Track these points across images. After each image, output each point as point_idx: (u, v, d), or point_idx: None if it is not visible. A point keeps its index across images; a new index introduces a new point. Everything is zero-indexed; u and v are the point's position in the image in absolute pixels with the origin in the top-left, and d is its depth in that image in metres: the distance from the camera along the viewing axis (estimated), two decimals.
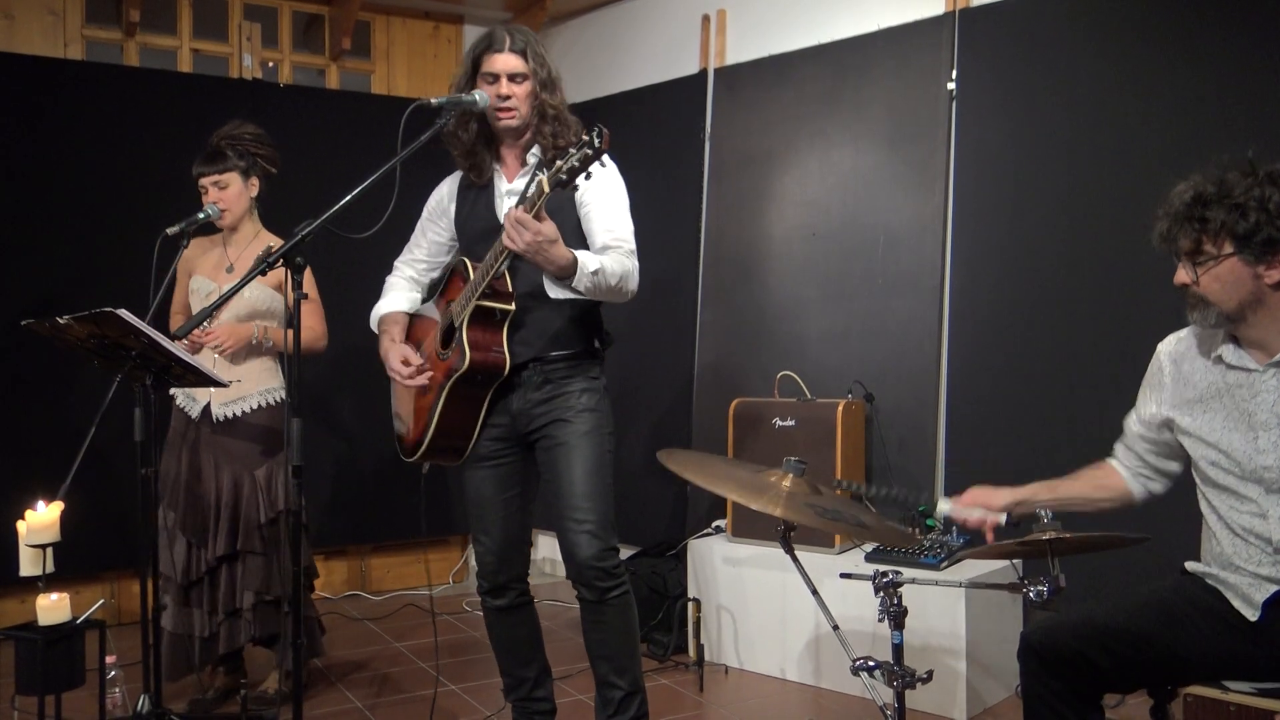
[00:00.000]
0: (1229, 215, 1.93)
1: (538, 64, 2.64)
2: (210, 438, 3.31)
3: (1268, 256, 1.93)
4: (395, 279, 2.94)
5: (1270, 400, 1.98)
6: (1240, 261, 1.94)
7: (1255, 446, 1.99)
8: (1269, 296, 1.96)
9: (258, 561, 3.28)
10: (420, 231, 2.91)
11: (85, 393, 4.05)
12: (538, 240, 2.34)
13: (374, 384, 4.75)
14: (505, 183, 2.72)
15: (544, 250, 2.37)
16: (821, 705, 3.42)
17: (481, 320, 2.58)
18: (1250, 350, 2.03)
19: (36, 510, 2.67)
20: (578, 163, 2.25)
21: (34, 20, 4.53)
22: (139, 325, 2.52)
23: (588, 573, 2.59)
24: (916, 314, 3.89)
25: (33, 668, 2.52)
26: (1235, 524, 2.02)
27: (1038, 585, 1.87)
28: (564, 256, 2.41)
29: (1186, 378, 2.12)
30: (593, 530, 2.58)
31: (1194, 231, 1.97)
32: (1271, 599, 1.96)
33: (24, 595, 4.15)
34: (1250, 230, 1.92)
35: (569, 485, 2.62)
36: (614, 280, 2.52)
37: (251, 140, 3.42)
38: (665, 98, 4.86)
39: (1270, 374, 1.99)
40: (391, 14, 5.31)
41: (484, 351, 2.57)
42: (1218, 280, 1.97)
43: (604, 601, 2.63)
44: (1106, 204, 3.43)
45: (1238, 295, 1.96)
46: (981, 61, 3.81)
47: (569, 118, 2.68)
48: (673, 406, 4.67)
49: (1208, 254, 1.96)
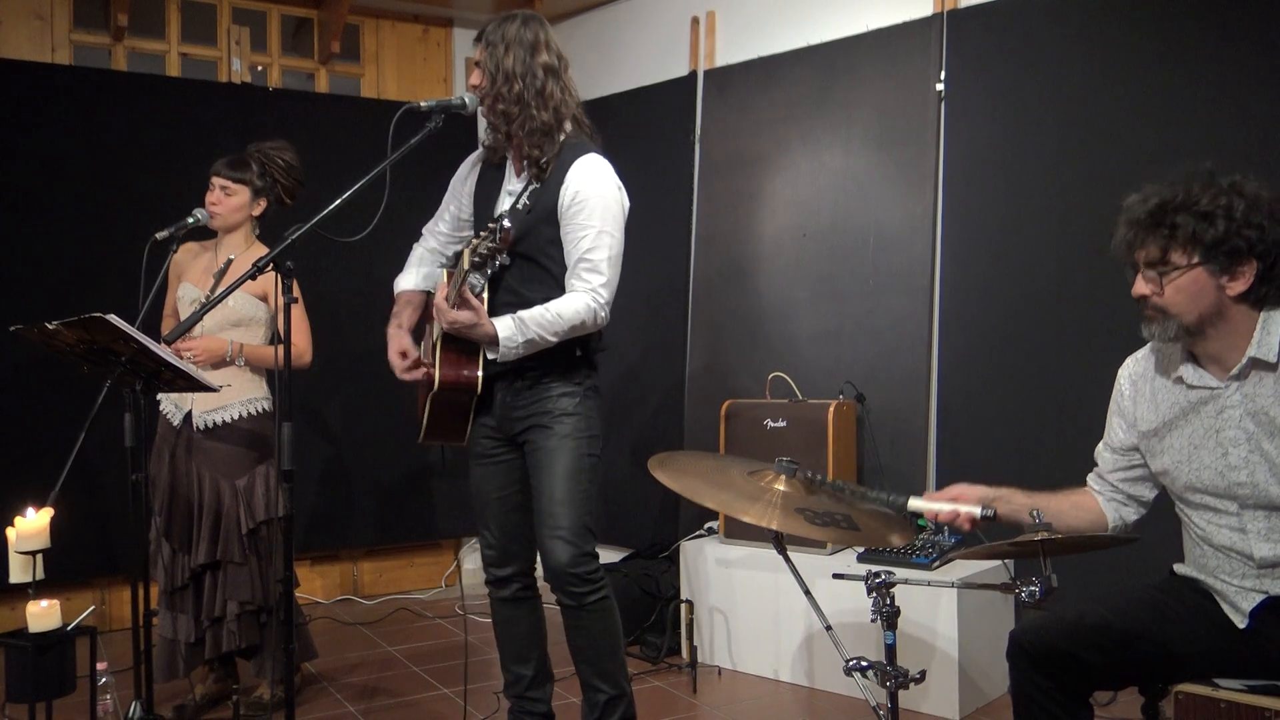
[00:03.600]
0: (1198, 223, 1.89)
1: (489, 52, 2.58)
2: (192, 445, 3.30)
3: (1232, 267, 1.90)
4: (419, 249, 2.94)
5: (1236, 416, 1.96)
6: (1205, 272, 1.91)
7: (1227, 463, 1.97)
8: (1229, 309, 1.93)
9: (240, 571, 3.27)
10: (445, 203, 2.90)
11: (74, 398, 4.03)
12: (455, 327, 2.46)
13: (363, 389, 4.77)
14: (513, 178, 2.71)
15: (465, 334, 2.48)
16: (814, 706, 3.43)
17: (455, 341, 2.60)
18: (1209, 367, 2.00)
19: (26, 516, 2.66)
20: (486, 251, 2.32)
21: (21, 25, 4.51)
22: (128, 330, 2.51)
23: (563, 579, 2.59)
24: (907, 314, 3.90)
25: (23, 675, 2.51)
26: (1215, 540, 2.02)
27: (1029, 585, 1.87)
28: (486, 335, 2.48)
29: (1149, 400, 2.11)
30: (565, 536, 2.58)
31: (1162, 239, 1.93)
32: (1259, 607, 1.97)
33: (14, 602, 4.13)
34: (1219, 239, 1.88)
35: (544, 491, 2.62)
36: (556, 336, 2.55)
37: (283, 167, 3.41)
38: (655, 99, 4.86)
39: (1233, 388, 1.97)
40: (381, 17, 5.30)
41: (455, 372, 2.61)
42: (1181, 291, 1.93)
43: (582, 607, 2.63)
44: (1095, 203, 3.44)
45: (1199, 307, 1.93)
46: (970, 62, 3.82)
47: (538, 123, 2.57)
48: (664, 408, 4.68)
49: (1174, 264, 1.92)
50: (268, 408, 3.37)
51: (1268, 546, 1.95)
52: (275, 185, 3.41)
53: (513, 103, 2.57)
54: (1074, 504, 2.22)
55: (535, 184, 2.62)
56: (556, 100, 2.61)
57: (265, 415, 3.35)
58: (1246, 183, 1.92)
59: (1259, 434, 1.94)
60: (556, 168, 2.60)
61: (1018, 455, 3.54)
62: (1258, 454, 1.94)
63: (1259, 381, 1.94)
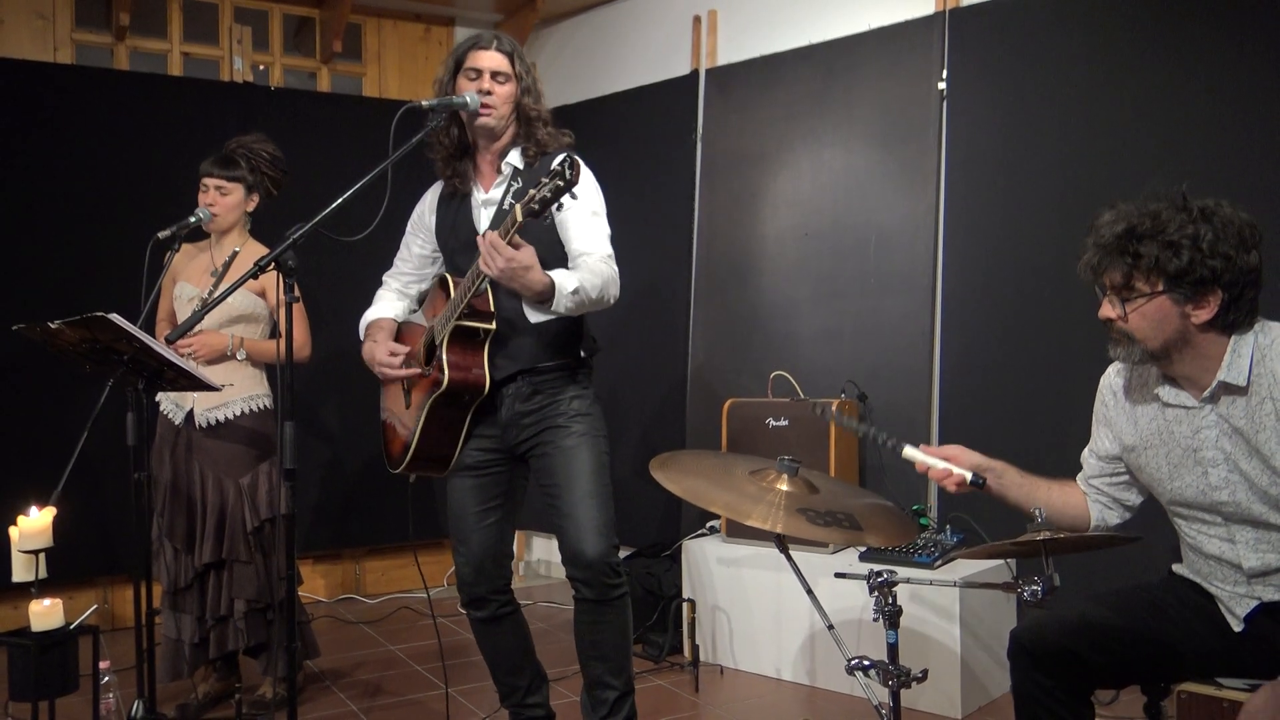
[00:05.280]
0: (1162, 252, 1.86)
1: (524, 69, 2.67)
2: (195, 444, 3.31)
3: (1196, 296, 1.87)
4: (383, 291, 2.95)
5: (1213, 436, 1.95)
6: (1169, 300, 1.89)
7: (1208, 483, 1.96)
8: (1195, 336, 1.91)
9: (246, 570, 3.27)
10: (405, 245, 2.91)
11: (77, 398, 4.04)
12: (511, 266, 2.33)
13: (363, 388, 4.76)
14: (481, 192, 2.72)
15: (519, 276, 2.36)
16: (817, 705, 3.43)
17: (462, 339, 2.58)
18: (1185, 387, 1.99)
19: (29, 515, 2.66)
20: (549, 193, 2.23)
21: (23, 24, 4.52)
22: (131, 330, 2.51)
23: (598, 571, 2.58)
24: (909, 313, 3.90)
25: (26, 674, 2.51)
26: (1205, 550, 2.01)
27: (1031, 584, 1.87)
28: (540, 281, 2.39)
29: (1128, 415, 2.10)
30: (599, 529, 2.58)
31: (1125, 266, 1.91)
32: (1253, 612, 1.96)
33: (17, 601, 4.14)
34: (1183, 270, 1.85)
35: (572, 487, 2.61)
36: (594, 294, 2.51)
37: (267, 160, 3.42)
38: (656, 99, 4.86)
39: (1208, 409, 1.95)
40: (382, 16, 5.30)
41: (464, 371, 2.58)
42: (1145, 318, 1.91)
43: (607, 601, 2.62)
44: (1096, 202, 3.37)
45: (1163, 334, 1.91)
46: (972, 61, 3.81)
47: (551, 125, 2.70)
48: (666, 407, 4.67)
49: (1138, 291, 1.91)
50: (269, 405, 3.37)
51: (1256, 557, 1.94)
52: (264, 178, 3.43)
53: (537, 108, 2.69)
54: (1063, 497, 2.21)
55: (516, 183, 2.64)
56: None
57: (267, 412, 3.35)
58: (1220, 208, 1.88)
59: (1236, 454, 1.92)
60: (540, 164, 2.63)
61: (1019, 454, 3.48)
62: (1237, 474, 1.93)
63: (1231, 404, 1.92)
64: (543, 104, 2.70)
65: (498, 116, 2.63)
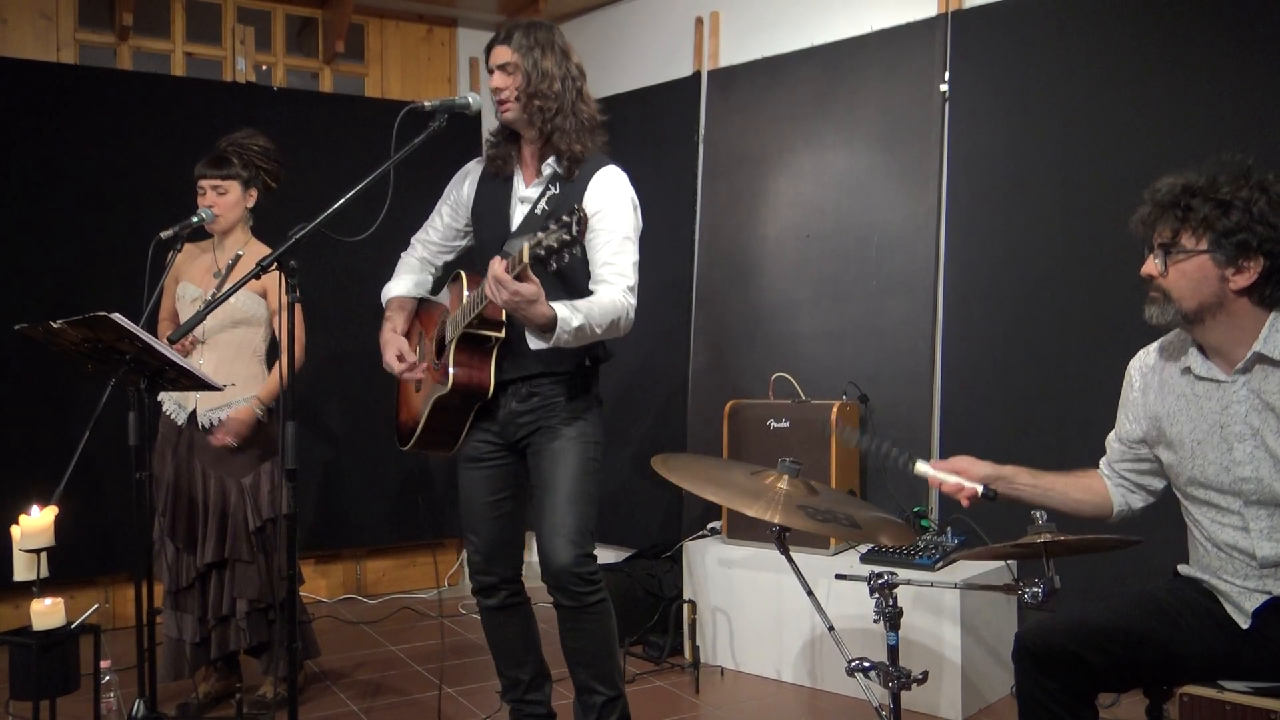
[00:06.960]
0: (1212, 210, 1.92)
1: (523, 54, 2.58)
2: (197, 444, 3.31)
3: (1238, 259, 1.92)
4: (408, 258, 2.92)
5: (1242, 411, 1.97)
6: (1211, 261, 1.93)
7: (1231, 458, 1.98)
8: (1231, 302, 1.95)
9: (248, 569, 3.28)
10: (438, 211, 2.88)
11: (79, 397, 4.05)
12: (515, 300, 2.30)
13: (365, 387, 4.77)
14: (523, 186, 2.70)
15: (522, 309, 2.33)
16: (817, 706, 3.42)
17: (470, 345, 2.59)
18: (1215, 360, 2.01)
19: (31, 515, 2.66)
20: (555, 244, 2.18)
21: (26, 24, 4.52)
22: (133, 330, 2.51)
23: (564, 579, 2.58)
24: (910, 315, 3.90)
25: (27, 673, 2.51)
26: (1218, 539, 2.02)
27: (1032, 587, 1.87)
28: (543, 315, 2.35)
29: (1157, 390, 2.11)
30: (569, 536, 2.57)
31: (1175, 221, 1.96)
32: (1262, 608, 1.96)
33: (18, 600, 4.14)
34: (1229, 229, 1.90)
35: (548, 490, 2.62)
36: (599, 330, 2.48)
37: (259, 153, 3.41)
38: (659, 100, 4.86)
39: (1239, 383, 1.97)
40: (385, 17, 5.31)
41: (468, 375, 2.59)
42: (1184, 276, 1.95)
43: (583, 608, 2.62)
44: (1099, 204, 3.44)
45: (1200, 295, 1.95)
46: (974, 63, 3.81)
47: (583, 118, 2.62)
48: (667, 408, 4.68)
49: (1182, 247, 1.95)
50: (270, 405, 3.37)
51: (1270, 545, 1.95)
52: (259, 172, 3.41)
53: (553, 99, 2.59)
54: (1081, 485, 2.23)
55: (554, 189, 2.61)
56: (592, 102, 2.67)
57: (269, 412, 3.35)
58: (1276, 183, 1.93)
59: (1264, 430, 1.94)
60: (580, 175, 2.61)
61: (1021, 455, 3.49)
62: (1262, 450, 1.95)
63: (1265, 377, 1.95)
64: (565, 97, 2.59)
65: (514, 109, 2.61)
